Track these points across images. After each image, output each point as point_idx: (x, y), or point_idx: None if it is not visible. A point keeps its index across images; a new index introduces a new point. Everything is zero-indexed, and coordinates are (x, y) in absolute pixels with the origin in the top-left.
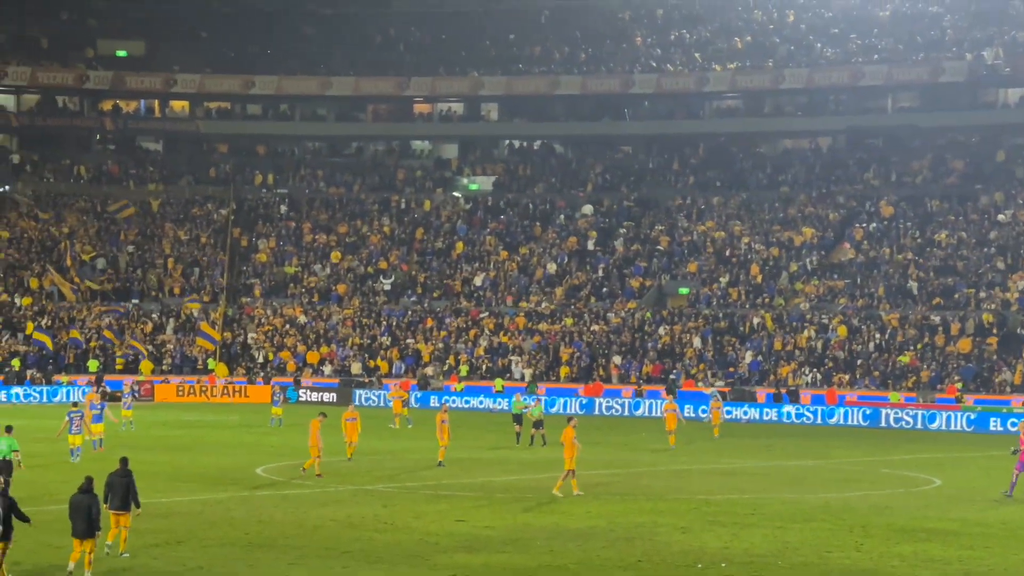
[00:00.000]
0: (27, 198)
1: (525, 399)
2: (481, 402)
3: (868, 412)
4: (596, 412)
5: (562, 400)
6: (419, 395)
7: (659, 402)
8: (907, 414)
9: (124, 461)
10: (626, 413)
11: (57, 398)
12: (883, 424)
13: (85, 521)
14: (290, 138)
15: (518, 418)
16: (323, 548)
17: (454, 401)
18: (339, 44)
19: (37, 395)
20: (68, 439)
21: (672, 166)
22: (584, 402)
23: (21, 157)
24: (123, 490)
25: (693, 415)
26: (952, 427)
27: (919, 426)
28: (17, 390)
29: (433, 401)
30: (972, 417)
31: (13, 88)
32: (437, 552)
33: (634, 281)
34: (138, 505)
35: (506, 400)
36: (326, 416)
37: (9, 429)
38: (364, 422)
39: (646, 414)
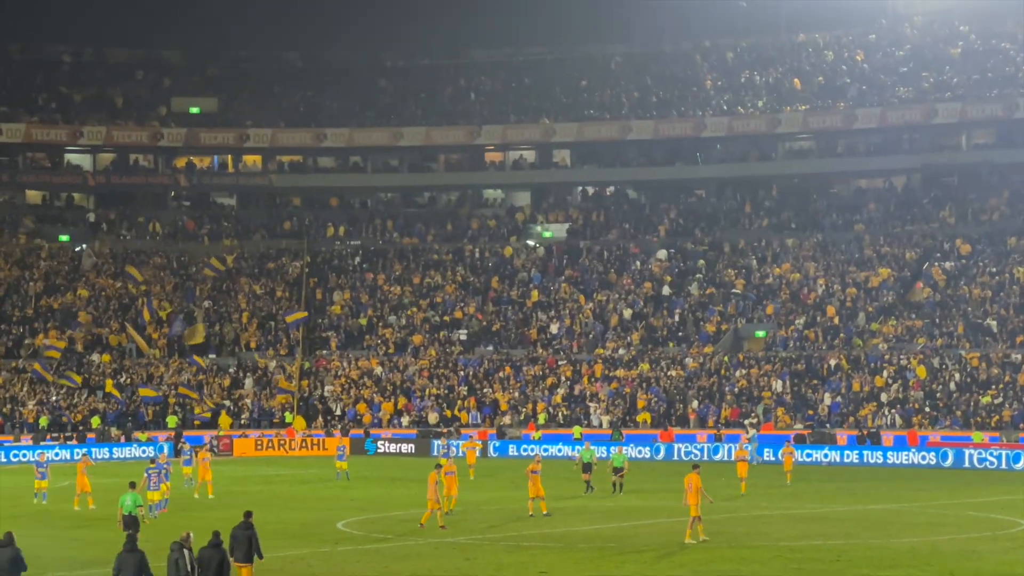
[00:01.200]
0: (94, 257)
1: (610, 447)
2: (560, 450)
3: (951, 453)
4: (675, 457)
5: (639, 447)
6: (498, 444)
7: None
8: (991, 454)
9: (248, 514)
10: (705, 457)
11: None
12: (966, 465)
13: (216, 574)
14: (362, 189)
15: (587, 467)
16: None
17: (532, 450)
18: (411, 95)
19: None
20: (147, 495)
21: (745, 208)
22: (661, 447)
23: (97, 215)
24: (246, 543)
25: (772, 458)
26: None
27: (1003, 466)
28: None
29: (512, 450)
30: None
31: (89, 148)
32: None
33: (710, 325)
34: (260, 556)
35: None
36: (441, 467)
37: (132, 485)
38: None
39: (725, 458)
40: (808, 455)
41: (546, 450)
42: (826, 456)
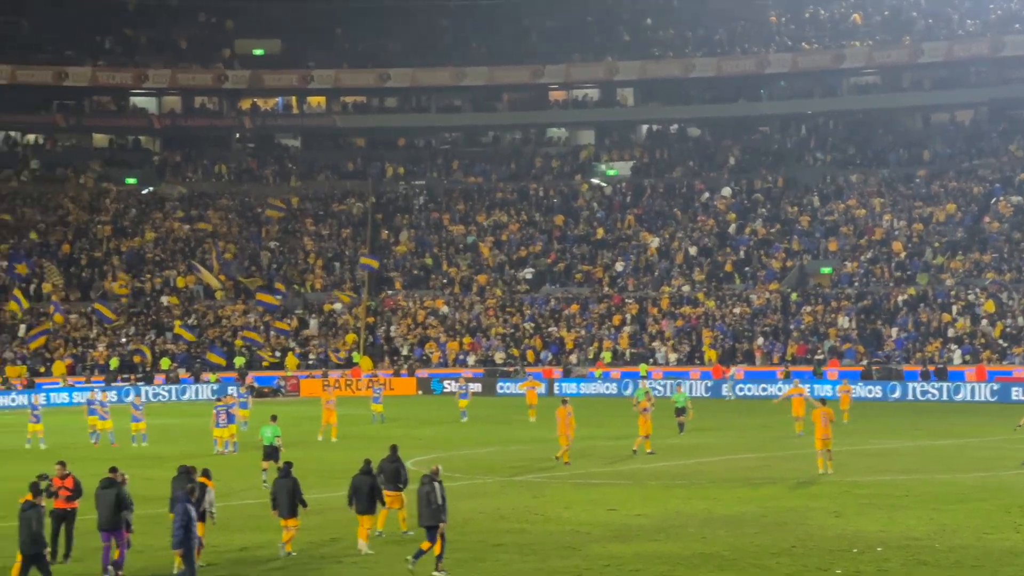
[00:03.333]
0: (176, 192)
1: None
2: (626, 388)
3: (1019, 388)
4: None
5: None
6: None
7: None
8: None
9: (394, 448)
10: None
11: (202, 396)
12: None
13: (367, 500)
14: (426, 129)
15: (680, 411)
16: (475, 541)
17: (581, 389)
18: (473, 34)
19: (189, 393)
20: (214, 432)
21: (810, 145)
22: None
23: (163, 158)
24: (394, 473)
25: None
26: None
27: None
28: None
29: (576, 388)
30: None
31: (154, 90)
32: (589, 542)
33: (775, 262)
34: (405, 484)
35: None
36: (566, 403)
37: (274, 418)
38: (507, 412)
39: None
40: (873, 392)
41: (610, 388)
42: (893, 391)
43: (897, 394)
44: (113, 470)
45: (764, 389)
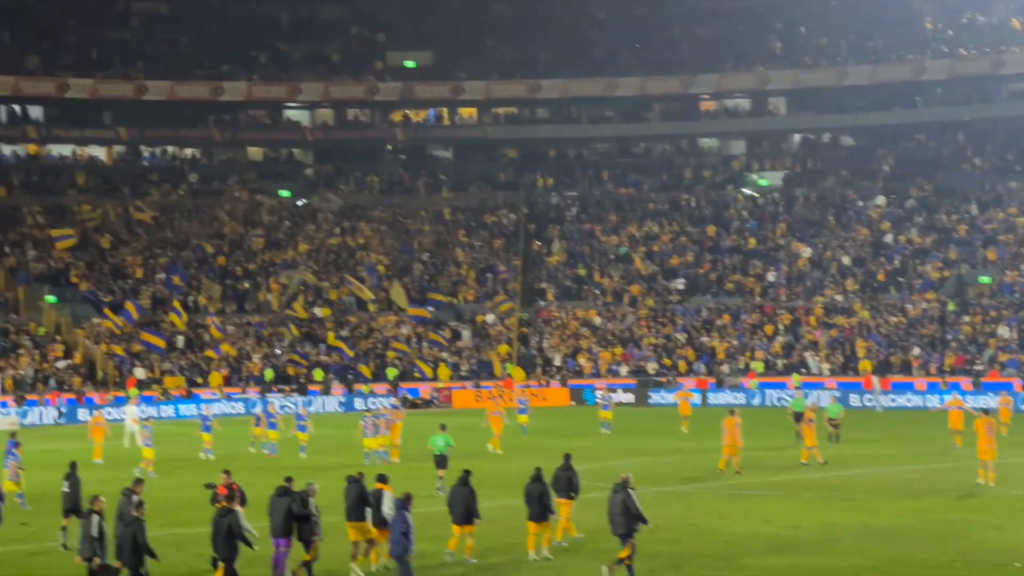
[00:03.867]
0: (329, 203)
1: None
2: (778, 398)
3: None
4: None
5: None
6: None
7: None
8: None
9: (567, 456)
10: (926, 406)
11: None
12: None
13: (539, 507)
14: (577, 140)
15: (799, 416)
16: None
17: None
18: (624, 45)
19: (340, 405)
20: (363, 443)
21: (967, 152)
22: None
23: (316, 171)
24: (566, 481)
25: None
26: None
27: None
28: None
29: (726, 398)
30: None
31: (308, 104)
32: (744, 554)
33: (932, 271)
34: (577, 493)
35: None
36: (734, 413)
37: (443, 427)
38: (659, 422)
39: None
40: None
41: (764, 399)
42: None
43: None
44: (289, 479)
45: (920, 401)
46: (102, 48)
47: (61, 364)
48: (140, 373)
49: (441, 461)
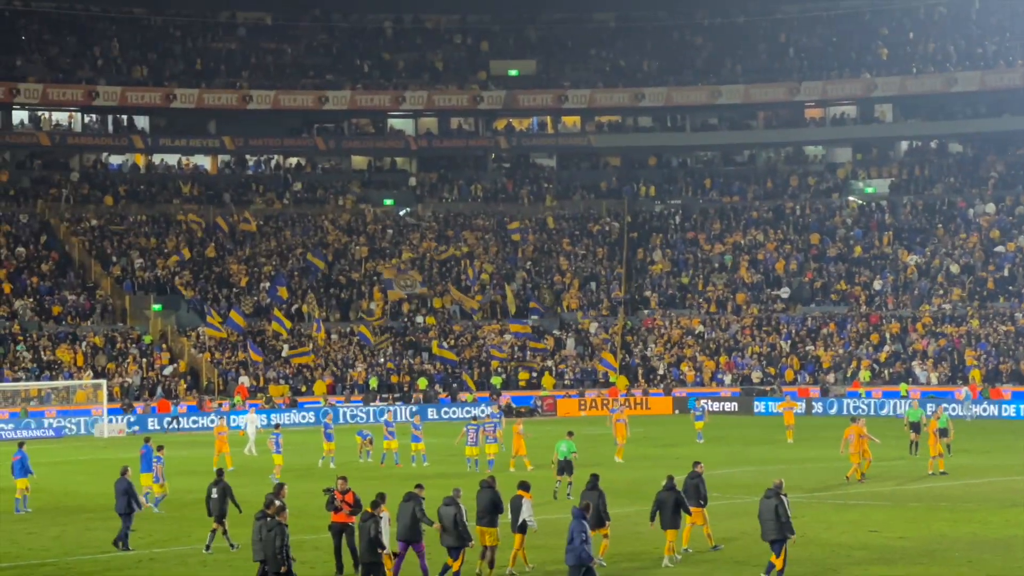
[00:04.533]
0: (426, 219)
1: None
2: (885, 408)
3: None
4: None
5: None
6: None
7: None
8: None
9: (696, 464)
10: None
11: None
12: None
13: (672, 514)
14: (681, 148)
15: (915, 426)
16: (734, 561)
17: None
18: (728, 52)
19: (443, 413)
20: (465, 451)
21: None
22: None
23: (419, 179)
24: (694, 490)
25: None
26: None
27: None
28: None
29: (834, 408)
30: None
31: (411, 112)
32: (850, 564)
33: None
34: (706, 500)
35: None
36: (857, 420)
37: (570, 433)
38: (763, 432)
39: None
40: None
41: (870, 408)
42: None
43: None
44: (419, 486)
45: None
46: (207, 58)
47: (167, 371)
48: (244, 381)
49: (566, 467)
